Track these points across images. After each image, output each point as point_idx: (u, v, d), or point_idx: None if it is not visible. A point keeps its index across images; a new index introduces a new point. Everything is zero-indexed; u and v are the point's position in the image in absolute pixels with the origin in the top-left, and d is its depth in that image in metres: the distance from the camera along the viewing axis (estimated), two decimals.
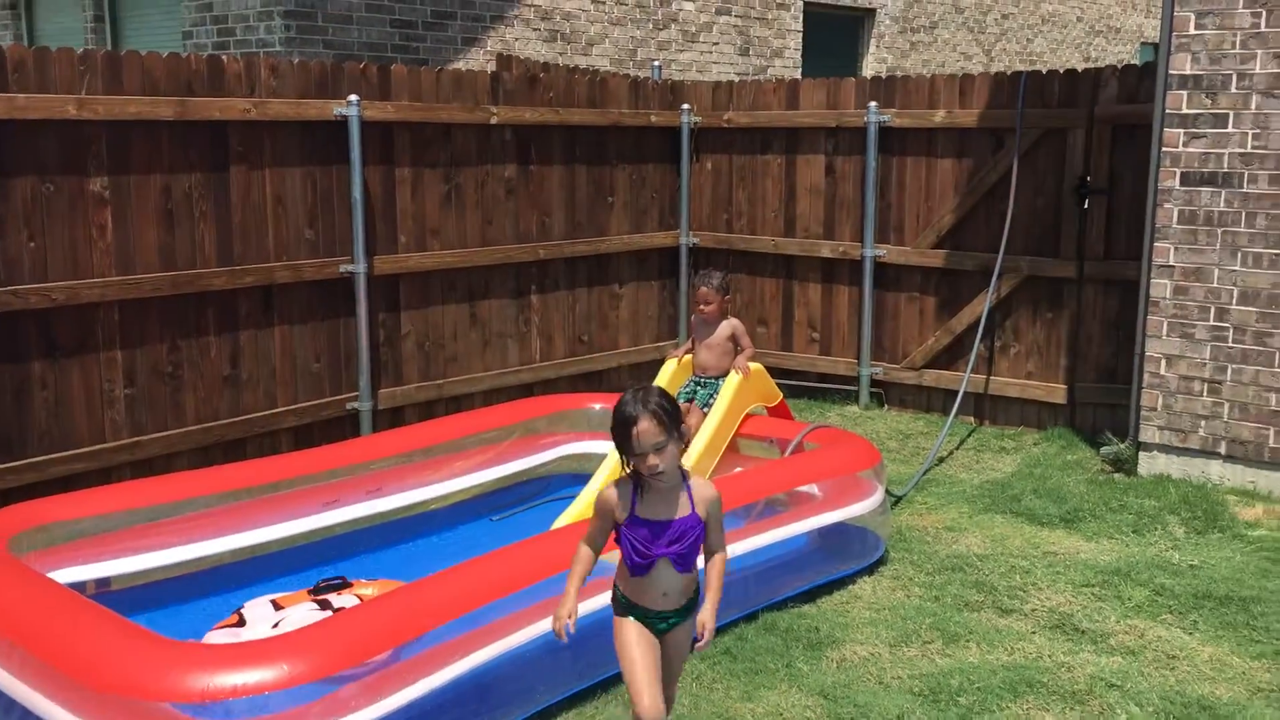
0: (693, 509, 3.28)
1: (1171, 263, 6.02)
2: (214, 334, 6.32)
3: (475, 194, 7.49)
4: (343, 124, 6.67)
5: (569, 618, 3.27)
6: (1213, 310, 5.92)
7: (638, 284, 8.67)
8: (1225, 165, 5.82)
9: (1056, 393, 7.35)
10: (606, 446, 6.20)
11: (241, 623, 4.34)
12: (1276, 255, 5.71)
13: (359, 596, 4.56)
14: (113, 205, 5.82)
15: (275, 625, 4.30)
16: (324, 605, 4.44)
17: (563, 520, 5.59)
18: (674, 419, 3.20)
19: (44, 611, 3.60)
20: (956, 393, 7.39)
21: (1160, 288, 6.06)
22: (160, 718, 3.27)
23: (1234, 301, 5.85)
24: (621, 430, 3.20)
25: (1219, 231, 5.86)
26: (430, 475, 5.68)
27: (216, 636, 4.25)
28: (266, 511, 5.01)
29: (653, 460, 3.16)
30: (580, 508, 5.65)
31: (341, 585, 4.67)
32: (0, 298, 5.39)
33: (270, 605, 4.46)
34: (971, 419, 7.69)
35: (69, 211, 5.66)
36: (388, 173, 7.03)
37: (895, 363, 8.03)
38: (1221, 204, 5.84)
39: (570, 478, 6.33)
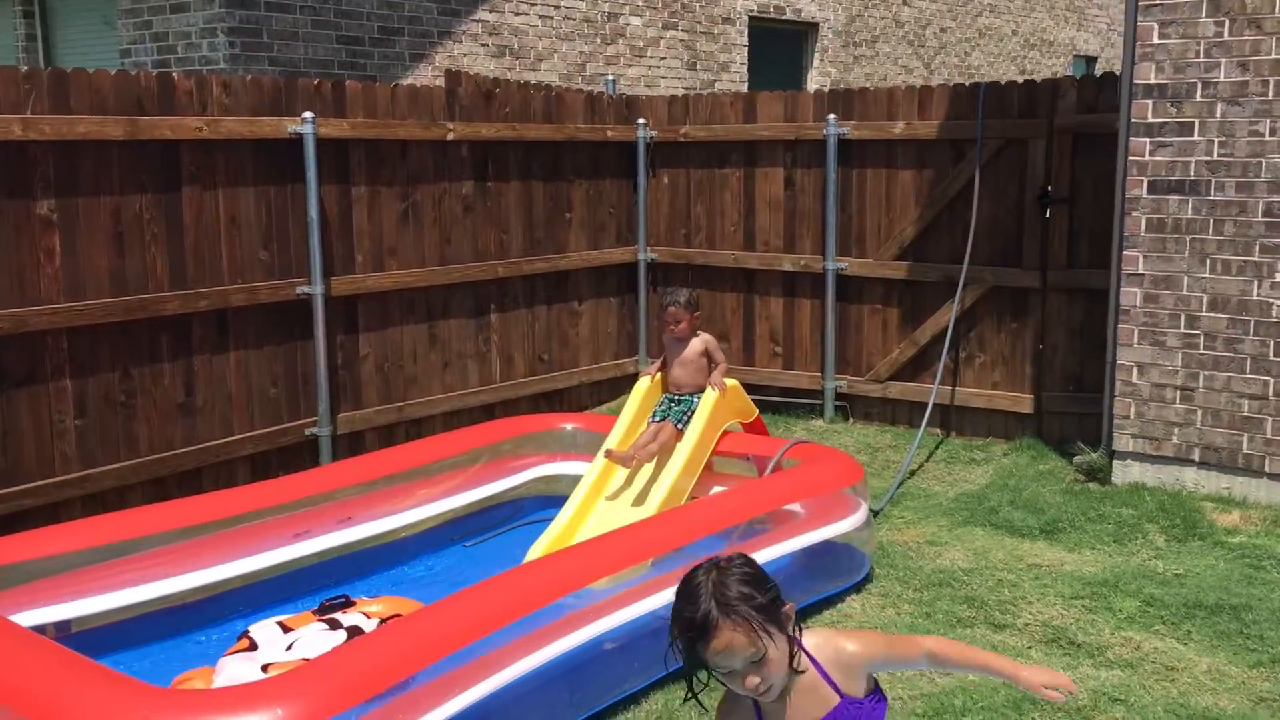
0: (839, 691, 2.35)
1: (1141, 271, 6.04)
2: (167, 360, 6.08)
3: (433, 212, 7.33)
4: (297, 142, 6.47)
5: None
6: (1183, 317, 5.94)
7: (597, 301, 8.55)
8: (1192, 173, 5.86)
9: (1023, 402, 7.35)
10: (578, 468, 6.07)
11: (253, 646, 4.16)
12: (1245, 261, 5.75)
13: (366, 614, 4.40)
14: (60, 229, 5.57)
15: (289, 648, 4.13)
16: (333, 625, 4.29)
17: (539, 545, 5.45)
18: (771, 604, 2.25)
19: (14, 660, 3.38)
20: (921, 404, 7.36)
21: (1130, 296, 6.08)
22: None
23: (1204, 309, 5.88)
24: (690, 638, 2.24)
25: (1188, 239, 5.89)
26: (400, 502, 5.49)
27: (230, 662, 4.08)
28: (236, 545, 4.80)
29: (752, 680, 2.23)
30: (556, 533, 5.51)
31: (345, 604, 4.51)
32: None
33: (278, 627, 4.29)
34: (938, 431, 7.66)
35: (15, 236, 5.41)
36: (344, 191, 6.84)
37: (859, 375, 7.99)
38: (1190, 212, 5.87)
39: (542, 500, 6.17)
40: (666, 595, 4.29)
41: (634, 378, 8.84)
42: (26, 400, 5.50)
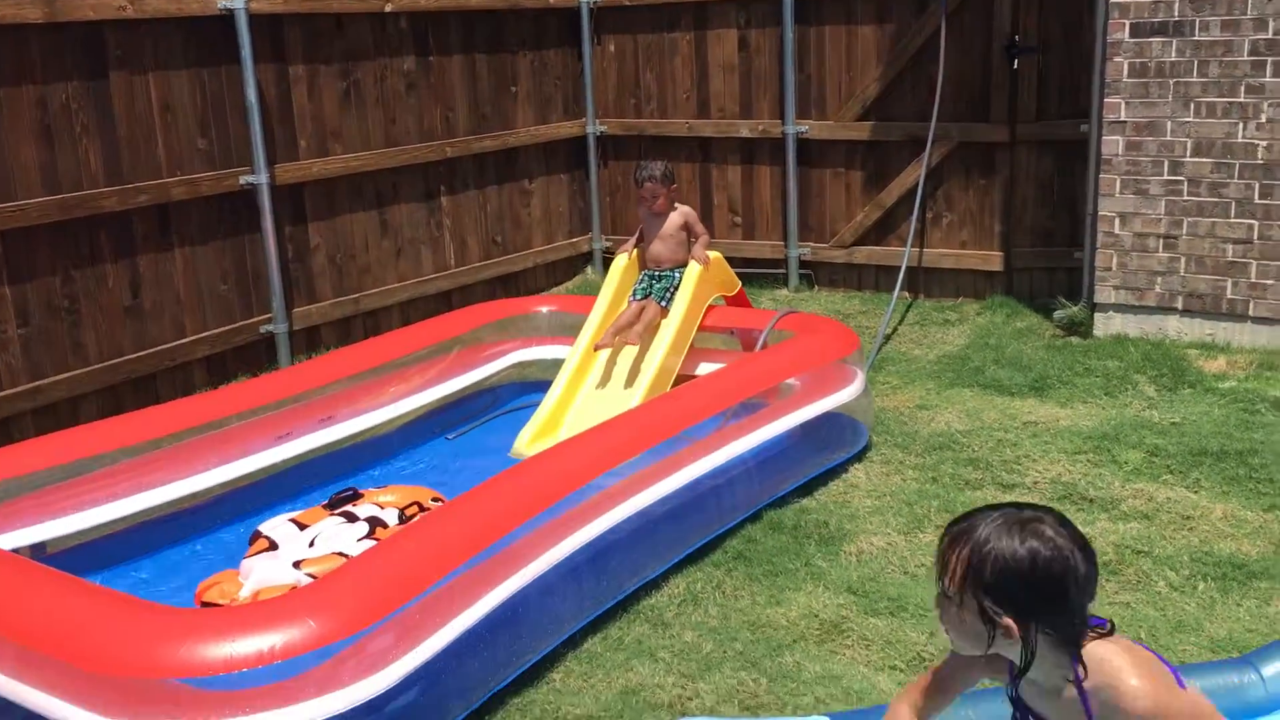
0: None
1: (1123, 118, 5.91)
2: (110, 261, 5.70)
3: (375, 90, 6.91)
4: (228, 19, 6.01)
5: None
6: (1166, 164, 5.84)
7: (547, 178, 8.23)
8: (1175, 13, 5.69)
9: (993, 260, 7.27)
10: (557, 352, 5.86)
11: (273, 546, 3.96)
12: (1230, 104, 5.64)
13: (379, 504, 4.21)
14: None
15: (311, 544, 3.95)
16: (350, 518, 4.11)
17: (525, 434, 5.26)
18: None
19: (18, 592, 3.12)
20: (888, 268, 7.24)
21: (1112, 144, 5.95)
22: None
23: (1188, 154, 5.78)
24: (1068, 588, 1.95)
25: (1171, 83, 5.76)
26: (378, 398, 5.24)
27: (256, 564, 3.89)
28: (215, 451, 4.52)
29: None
30: (542, 421, 5.32)
31: (354, 496, 4.31)
32: None
33: (293, 525, 4.09)
34: (906, 294, 7.57)
35: None
36: (281, 72, 6.40)
37: (823, 242, 7.83)
38: (1173, 54, 5.73)
39: (520, 387, 5.96)
40: (676, 480, 4.18)
41: (589, 256, 8.62)
42: None
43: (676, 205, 5.73)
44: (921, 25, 7.16)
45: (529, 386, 5.93)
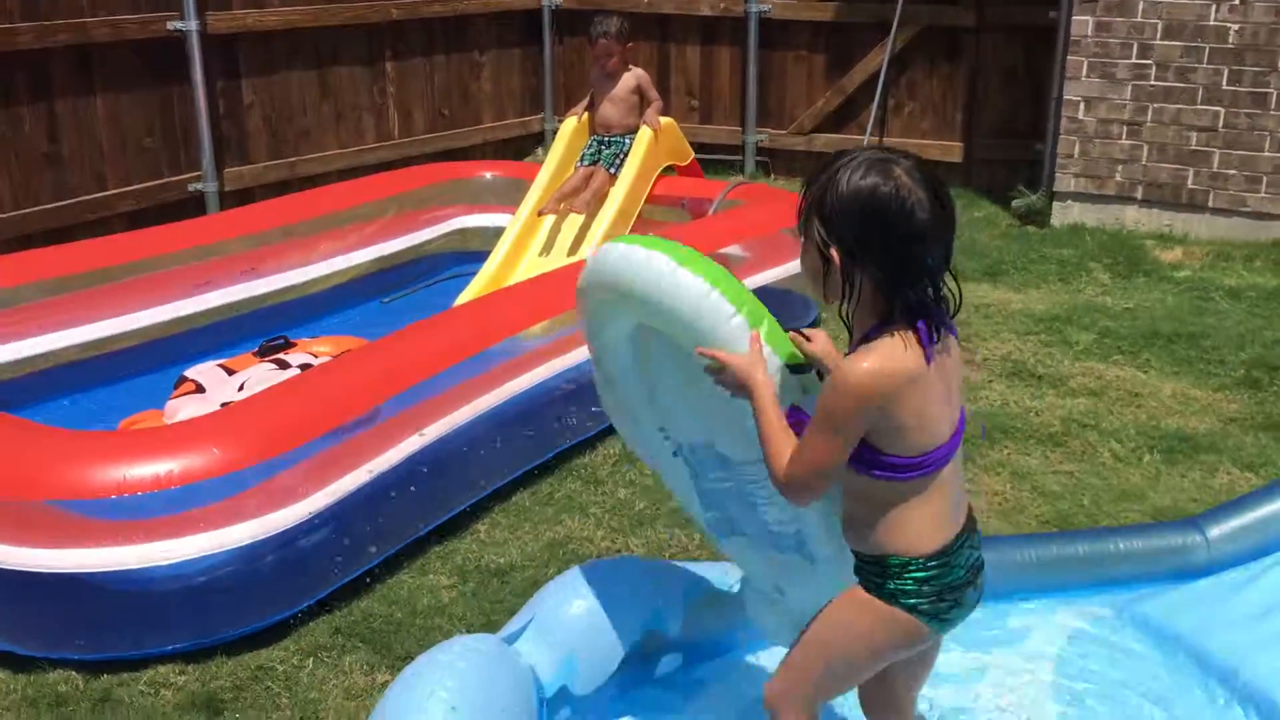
0: None
1: None
2: (26, 104, 5.36)
3: None
4: None
5: None
6: (1135, 46, 5.67)
7: (499, 52, 7.90)
8: None
9: (953, 151, 7.09)
10: (500, 220, 5.62)
11: (200, 389, 3.74)
12: None
13: (313, 354, 4.01)
14: None
15: (240, 388, 3.75)
16: (281, 365, 3.91)
17: (463, 301, 5.05)
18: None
19: None
20: None
21: (1081, 25, 5.76)
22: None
23: (1158, 36, 5.61)
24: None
25: None
26: (309, 254, 5.00)
27: (181, 404, 3.72)
28: (125, 297, 4.28)
29: None
30: (480, 288, 5.11)
31: (286, 345, 4.09)
32: None
33: (221, 370, 3.87)
34: None
35: None
36: None
37: (782, 129, 7.61)
38: None
39: (460, 256, 5.73)
40: None
41: (540, 137, 8.33)
42: None
43: (630, 67, 5.49)
44: None
45: (469, 256, 5.70)
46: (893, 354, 1.82)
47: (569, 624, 2.46)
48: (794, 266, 4.77)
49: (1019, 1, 6.67)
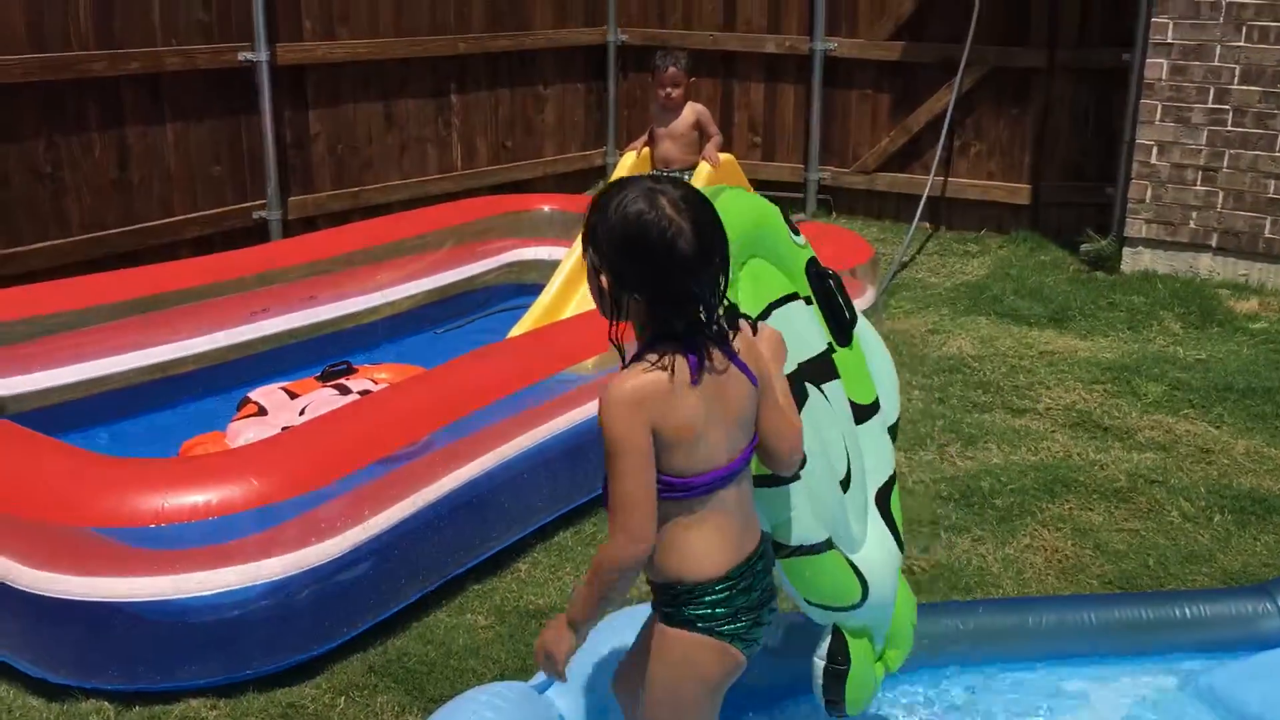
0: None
1: (1170, 40, 5.57)
2: (97, 130, 5.46)
3: None
4: None
5: None
6: (1212, 91, 5.51)
7: (563, 85, 7.92)
8: None
9: (1020, 193, 6.96)
10: (557, 254, 5.60)
11: (262, 412, 3.77)
12: None
13: (374, 380, 4.03)
14: None
15: (301, 413, 3.78)
16: (343, 390, 3.95)
17: (515, 334, 5.02)
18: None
19: None
20: (910, 197, 6.94)
21: (1155, 68, 5.62)
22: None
23: (1235, 81, 5.45)
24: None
25: (1224, 4, 5.42)
26: (367, 283, 5.01)
27: (244, 427, 3.75)
28: (184, 323, 4.31)
29: None
30: (533, 321, 5.08)
31: (348, 371, 4.12)
32: None
33: (284, 393, 3.90)
34: (927, 224, 7.26)
35: None
36: None
37: (845, 166, 7.52)
38: None
39: (516, 289, 5.72)
40: None
41: (602, 170, 8.33)
42: None
43: (691, 102, 5.45)
44: None
45: (525, 289, 5.69)
46: (649, 373, 1.87)
47: (601, 672, 2.39)
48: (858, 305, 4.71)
49: (1091, 44, 6.54)
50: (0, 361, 3.88)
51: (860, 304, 4.75)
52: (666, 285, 1.84)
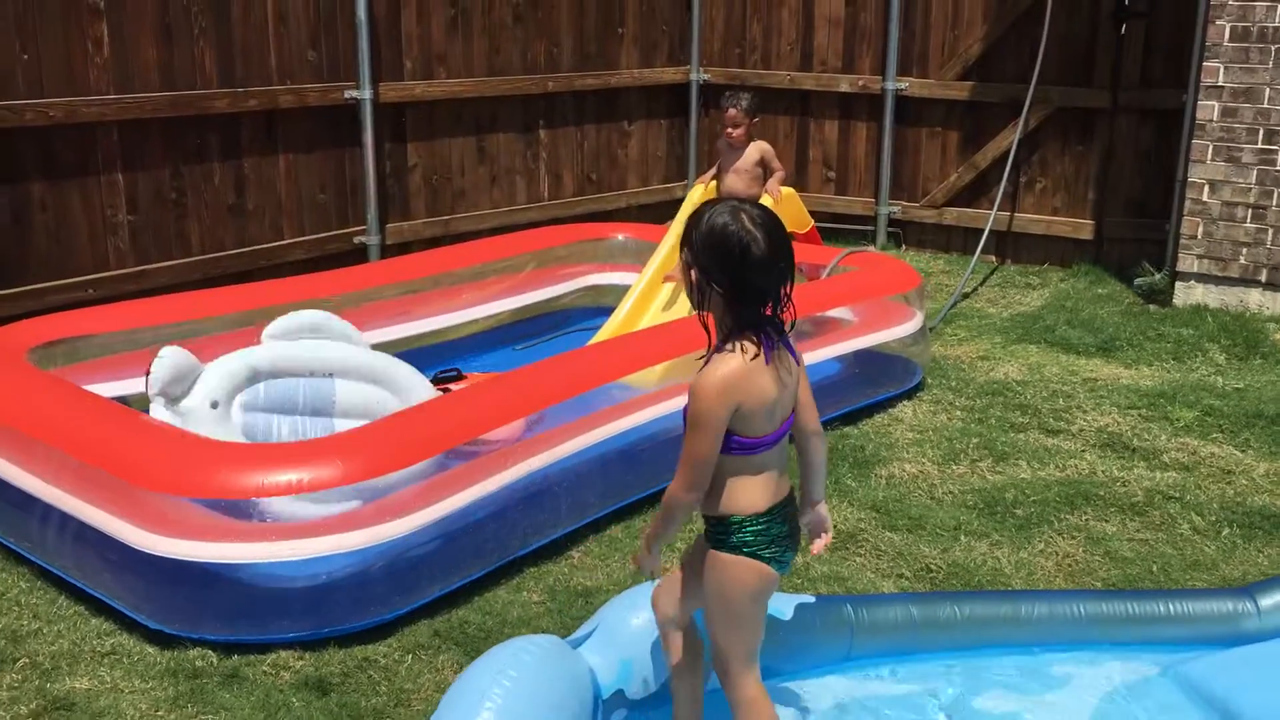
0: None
1: (1221, 83, 5.79)
2: (217, 160, 6.03)
3: (482, 19, 7.13)
4: None
5: None
6: (1262, 132, 5.71)
7: (647, 122, 8.36)
8: None
9: (1083, 229, 7.17)
10: (628, 279, 6.01)
11: None
12: None
13: None
14: (108, 18, 5.46)
15: None
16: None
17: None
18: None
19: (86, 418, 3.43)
20: (976, 231, 7.20)
21: (1207, 110, 5.84)
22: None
23: None
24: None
25: (1273, 48, 5.62)
26: (452, 302, 5.48)
27: None
28: None
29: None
30: (605, 338, 5.49)
31: (457, 376, 4.57)
32: None
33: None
34: (993, 258, 7.51)
35: (62, 24, 5.31)
36: None
37: (914, 201, 7.82)
38: (1277, 19, 5.58)
39: (590, 311, 6.14)
40: None
41: (682, 203, 8.73)
42: (79, 192, 5.48)
43: (755, 139, 5.83)
44: None
45: (599, 311, 6.10)
46: (731, 361, 2.33)
47: (630, 633, 2.76)
48: (899, 330, 5.02)
49: (1152, 84, 6.76)
50: (131, 365, 4.40)
51: (907, 328, 5.07)
52: (743, 281, 2.31)
